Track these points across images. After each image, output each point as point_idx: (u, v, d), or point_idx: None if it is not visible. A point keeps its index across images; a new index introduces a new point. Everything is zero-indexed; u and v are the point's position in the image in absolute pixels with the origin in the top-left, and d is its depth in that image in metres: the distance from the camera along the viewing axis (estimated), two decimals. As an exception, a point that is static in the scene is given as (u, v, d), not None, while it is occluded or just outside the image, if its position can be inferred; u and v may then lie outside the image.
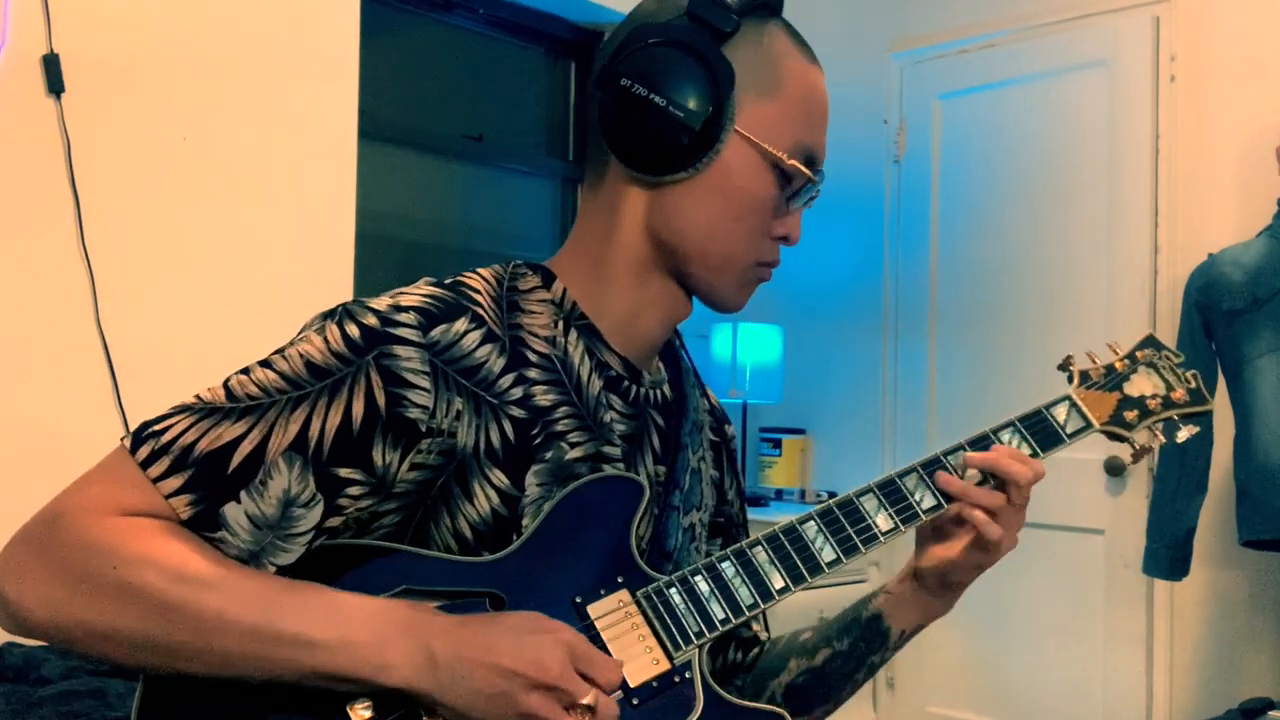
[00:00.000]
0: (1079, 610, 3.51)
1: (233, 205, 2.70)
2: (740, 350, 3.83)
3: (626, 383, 1.10)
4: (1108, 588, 3.46)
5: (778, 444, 4.02)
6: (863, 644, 1.20)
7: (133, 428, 0.95)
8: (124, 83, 2.53)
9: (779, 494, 3.99)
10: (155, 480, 0.91)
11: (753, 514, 3.85)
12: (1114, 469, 3.44)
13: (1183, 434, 1.25)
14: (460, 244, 3.64)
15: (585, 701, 0.91)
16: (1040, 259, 3.65)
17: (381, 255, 3.29)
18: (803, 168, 1.06)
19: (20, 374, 2.38)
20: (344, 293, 2.89)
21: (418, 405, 0.96)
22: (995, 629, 3.70)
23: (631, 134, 1.04)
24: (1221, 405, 2.94)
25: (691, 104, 1.02)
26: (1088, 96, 3.54)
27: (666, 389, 1.17)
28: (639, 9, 1.09)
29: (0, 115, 2.37)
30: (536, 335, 1.05)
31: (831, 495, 3.94)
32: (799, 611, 1.62)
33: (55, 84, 2.41)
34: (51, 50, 2.42)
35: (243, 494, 0.92)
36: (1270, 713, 2.65)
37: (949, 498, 1.12)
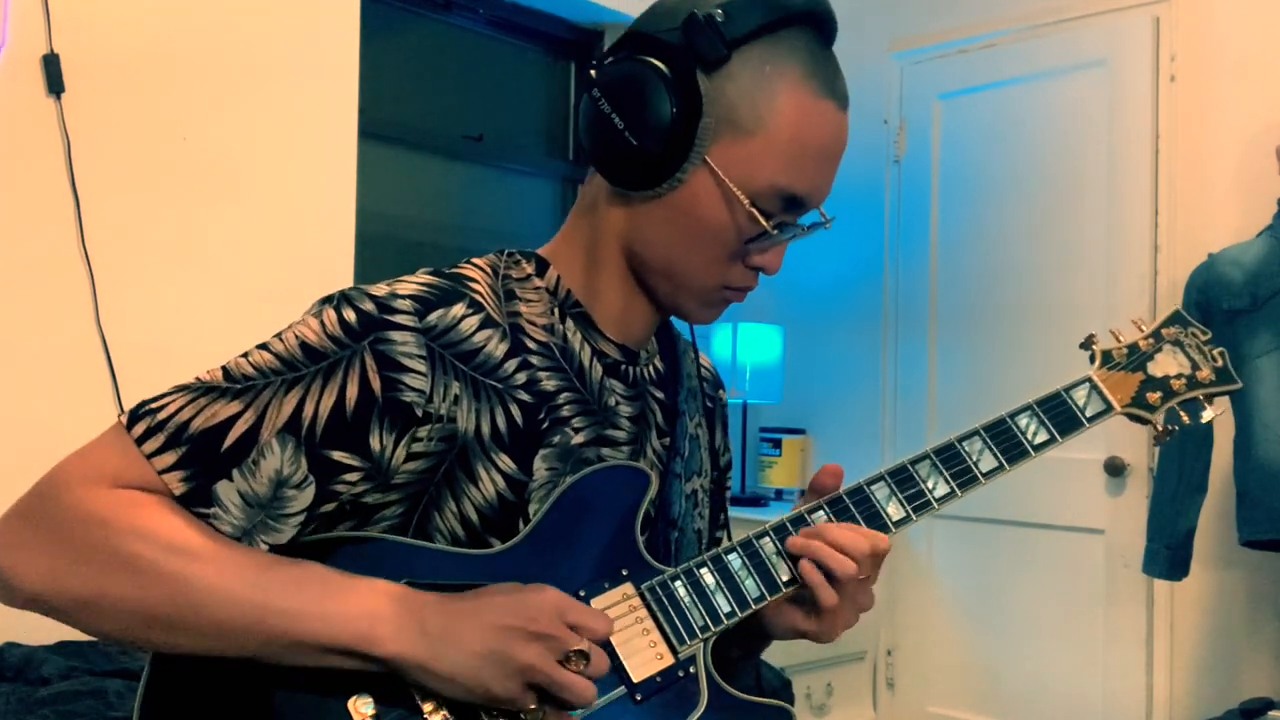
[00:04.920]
0: (1079, 610, 3.51)
1: (233, 205, 2.70)
2: (740, 350, 3.83)
3: (624, 366, 1.10)
4: (1108, 588, 3.45)
5: (778, 444, 4.02)
6: None
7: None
8: (124, 83, 2.53)
9: (779, 494, 3.99)
10: (149, 456, 0.92)
11: (753, 514, 3.82)
12: (1114, 469, 3.44)
13: (1207, 414, 1.21)
14: (460, 244, 3.64)
15: (578, 648, 0.92)
16: (1040, 259, 3.64)
17: (381, 255, 3.29)
18: (761, 214, 1.00)
19: (20, 374, 2.38)
20: (344, 293, 2.89)
21: (413, 389, 0.96)
22: (995, 629, 3.70)
23: (597, 146, 1.04)
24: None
25: (649, 132, 0.99)
26: (1088, 96, 3.54)
27: (658, 362, 1.16)
28: (655, 7, 1.05)
29: (0, 115, 2.37)
30: (534, 324, 1.05)
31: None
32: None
33: (55, 84, 2.42)
34: (51, 50, 2.42)
35: (235, 472, 0.92)
36: (1270, 713, 2.65)
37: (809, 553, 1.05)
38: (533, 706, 0.93)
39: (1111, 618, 3.45)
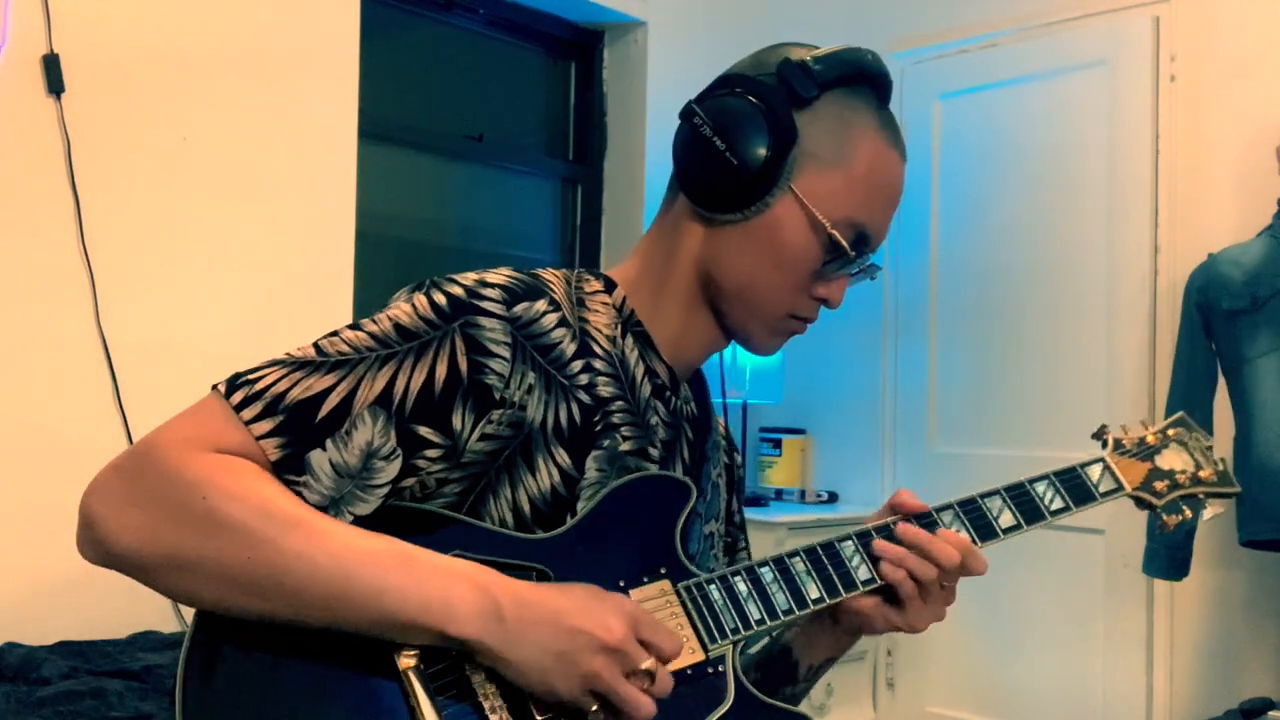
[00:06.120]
0: (1079, 610, 3.51)
1: (232, 205, 2.70)
2: (740, 350, 3.83)
3: (668, 392, 1.16)
4: (1108, 588, 3.46)
5: (778, 444, 4.02)
6: (772, 676, 1.23)
7: (133, 427, 0.97)
8: (124, 83, 2.53)
9: (779, 494, 3.98)
10: (248, 423, 0.95)
11: (752, 514, 3.83)
12: (1114, 469, 3.44)
13: (1208, 512, 1.30)
14: (460, 244, 3.64)
15: (645, 667, 0.95)
16: (1040, 259, 3.64)
17: (381, 255, 3.29)
18: (842, 240, 1.09)
19: (20, 374, 2.38)
20: (344, 293, 2.89)
21: (495, 373, 1.00)
22: (995, 629, 3.70)
23: (693, 168, 1.11)
24: (1221, 405, 2.94)
25: (748, 155, 1.08)
26: (1088, 96, 3.54)
27: (693, 406, 1.22)
28: (738, 64, 1.15)
29: (0, 115, 2.37)
30: (600, 332, 1.11)
31: (832, 495, 3.95)
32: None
33: (55, 84, 2.42)
34: (51, 50, 2.42)
35: (328, 442, 0.96)
36: (1270, 713, 2.65)
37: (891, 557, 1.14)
38: (595, 708, 0.96)
39: (1111, 618, 3.45)
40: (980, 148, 3.80)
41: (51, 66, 2.41)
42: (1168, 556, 2.95)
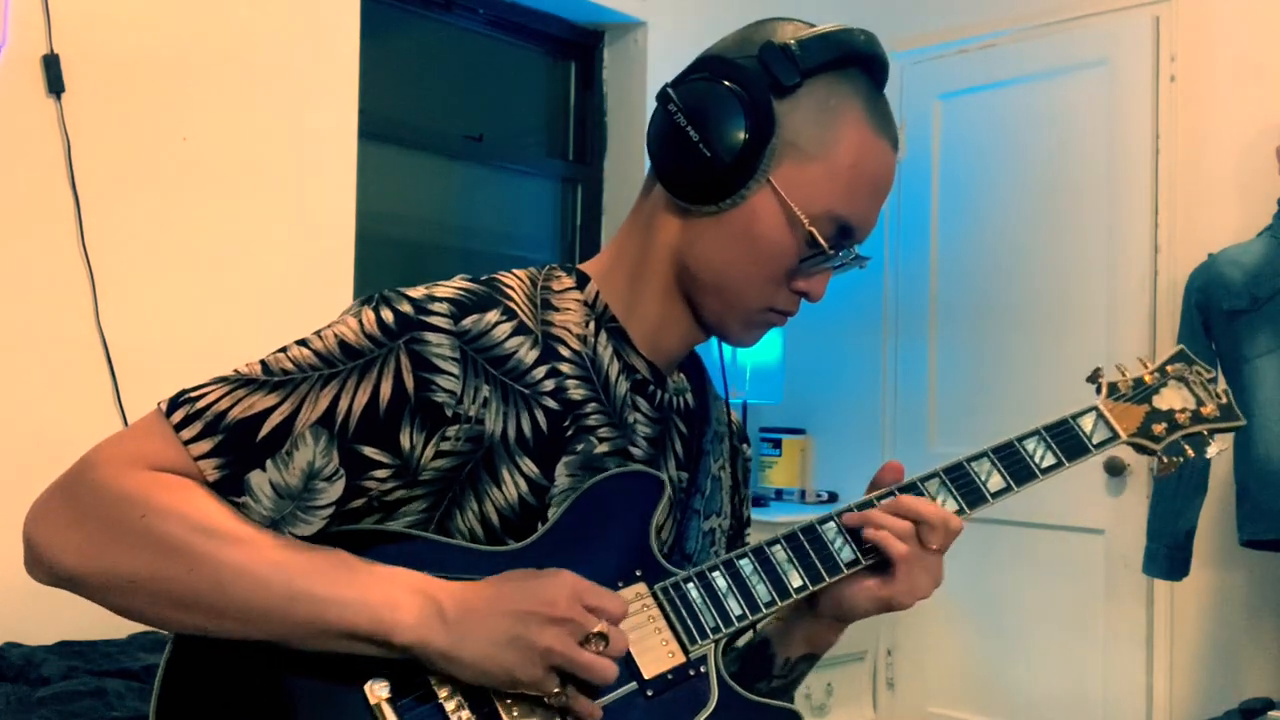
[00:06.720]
0: (1079, 610, 3.51)
1: (233, 205, 2.70)
2: (740, 350, 3.83)
3: (652, 387, 1.12)
4: (1108, 588, 3.46)
5: (778, 444, 4.02)
6: (750, 669, 1.20)
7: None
8: (124, 83, 2.53)
9: (779, 494, 3.98)
10: (186, 442, 0.94)
11: (753, 514, 3.83)
12: (1114, 469, 3.44)
13: (1212, 449, 1.24)
14: (460, 244, 3.64)
15: (596, 630, 0.93)
16: (1040, 259, 3.65)
17: (381, 255, 3.29)
18: (820, 236, 1.04)
19: (20, 374, 2.37)
20: (344, 293, 2.89)
21: (445, 390, 0.98)
22: (995, 629, 3.70)
23: (667, 158, 1.07)
24: (1221, 405, 2.94)
25: (722, 146, 1.03)
26: (1088, 96, 3.54)
27: (689, 397, 1.19)
28: (721, 41, 1.10)
29: (0, 115, 2.37)
30: (569, 332, 1.07)
31: (832, 495, 3.95)
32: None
33: (55, 84, 2.41)
34: (51, 50, 2.42)
35: (268, 462, 0.94)
36: (1270, 713, 2.65)
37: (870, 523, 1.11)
38: (555, 689, 0.94)
39: (1111, 618, 3.45)
40: (980, 148, 3.80)
41: (51, 66, 2.41)
42: (1168, 556, 2.95)
